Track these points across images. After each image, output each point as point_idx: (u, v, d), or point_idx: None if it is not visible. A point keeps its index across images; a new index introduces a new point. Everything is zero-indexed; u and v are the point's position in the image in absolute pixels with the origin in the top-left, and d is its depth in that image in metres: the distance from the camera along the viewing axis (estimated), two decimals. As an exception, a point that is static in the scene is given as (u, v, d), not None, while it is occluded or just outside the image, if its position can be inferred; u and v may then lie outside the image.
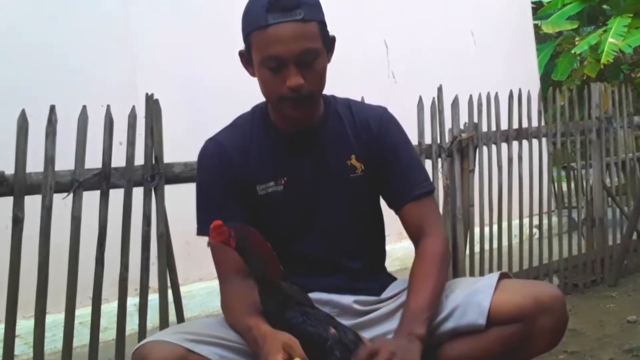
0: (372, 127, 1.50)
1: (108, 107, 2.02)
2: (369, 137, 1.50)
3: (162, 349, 1.26)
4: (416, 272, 1.44)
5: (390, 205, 1.55)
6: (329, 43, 1.43)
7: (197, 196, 1.50)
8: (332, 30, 1.45)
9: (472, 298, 1.37)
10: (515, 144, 3.28)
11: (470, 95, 3.06)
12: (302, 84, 1.35)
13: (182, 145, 2.74)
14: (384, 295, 1.51)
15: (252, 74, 1.44)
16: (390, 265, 1.66)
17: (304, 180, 1.47)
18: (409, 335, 1.31)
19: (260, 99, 1.56)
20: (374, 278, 1.55)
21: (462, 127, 3.01)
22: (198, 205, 1.49)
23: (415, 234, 1.50)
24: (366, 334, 1.40)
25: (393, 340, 1.33)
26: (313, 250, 1.48)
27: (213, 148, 1.49)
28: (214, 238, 1.30)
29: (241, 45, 1.44)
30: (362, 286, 1.50)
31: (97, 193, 1.99)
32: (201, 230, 1.47)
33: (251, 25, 1.37)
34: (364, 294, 1.49)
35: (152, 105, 2.11)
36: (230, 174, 1.45)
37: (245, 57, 1.43)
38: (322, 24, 1.40)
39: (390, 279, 1.58)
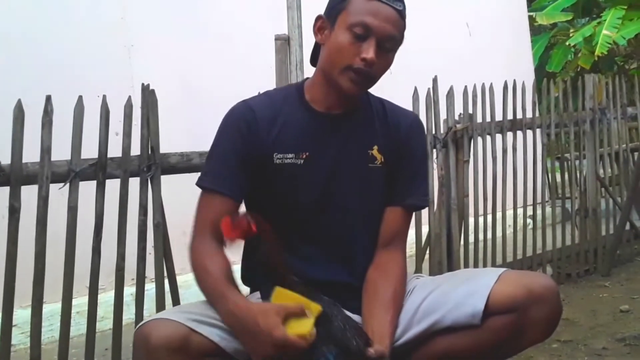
0: (402, 129, 1.55)
1: (104, 97, 2.02)
2: (396, 137, 1.53)
3: (165, 328, 1.25)
4: (386, 289, 1.45)
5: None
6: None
7: (211, 148, 1.50)
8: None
9: (468, 299, 1.38)
10: (509, 134, 3.30)
11: (465, 87, 3.07)
12: (375, 60, 1.39)
13: (179, 136, 2.76)
14: None
15: (320, 40, 1.47)
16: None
17: (325, 159, 1.48)
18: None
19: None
20: None
21: (457, 117, 3.03)
22: (209, 157, 1.50)
23: (385, 238, 1.53)
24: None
25: None
26: (323, 233, 1.48)
27: (242, 110, 1.48)
28: (229, 235, 1.27)
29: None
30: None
31: (94, 183, 1.99)
32: (201, 181, 1.47)
33: None
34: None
35: (148, 96, 2.11)
36: (251, 137, 1.45)
37: (322, 21, 1.46)
38: (405, 29, 1.46)
39: None
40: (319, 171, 1.47)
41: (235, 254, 1.40)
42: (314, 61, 1.53)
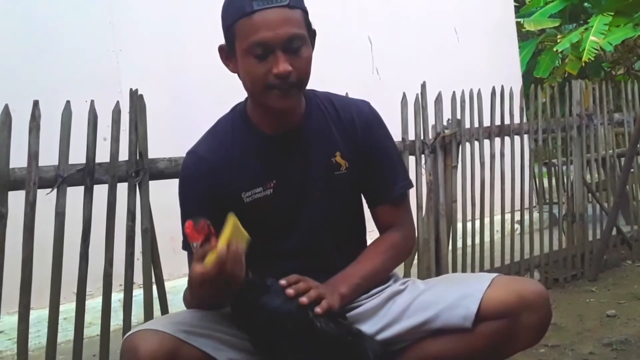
0: (358, 124, 1.49)
1: (92, 102, 2.02)
2: (354, 135, 1.49)
3: (153, 340, 1.23)
4: (368, 248, 1.51)
5: (368, 202, 1.57)
6: (312, 34, 1.41)
7: (181, 211, 1.47)
8: (316, 25, 1.45)
9: (461, 301, 1.38)
10: (497, 140, 3.32)
11: (454, 92, 3.09)
12: (290, 70, 1.31)
13: (167, 141, 2.75)
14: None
15: (233, 70, 1.41)
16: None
17: (292, 180, 1.45)
18: (333, 288, 1.39)
19: (243, 94, 1.55)
20: None
21: (445, 123, 3.04)
22: (183, 221, 1.43)
23: (385, 229, 1.55)
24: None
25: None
26: (299, 247, 1.47)
27: (194, 163, 1.45)
28: (194, 238, 1.23)
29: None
30: None
31: (81, 188, 1.99)
32: (186, 245, 1.44)
33: (235, 14, 1.34)
34: None
35: (137, 101, 2.11)
36: (213, 187, 1.42)
37: (226, 52, 1.40)
38: (306, 13, 1.38)
39: None
40: (290, 193, 1.45)
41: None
42: None
